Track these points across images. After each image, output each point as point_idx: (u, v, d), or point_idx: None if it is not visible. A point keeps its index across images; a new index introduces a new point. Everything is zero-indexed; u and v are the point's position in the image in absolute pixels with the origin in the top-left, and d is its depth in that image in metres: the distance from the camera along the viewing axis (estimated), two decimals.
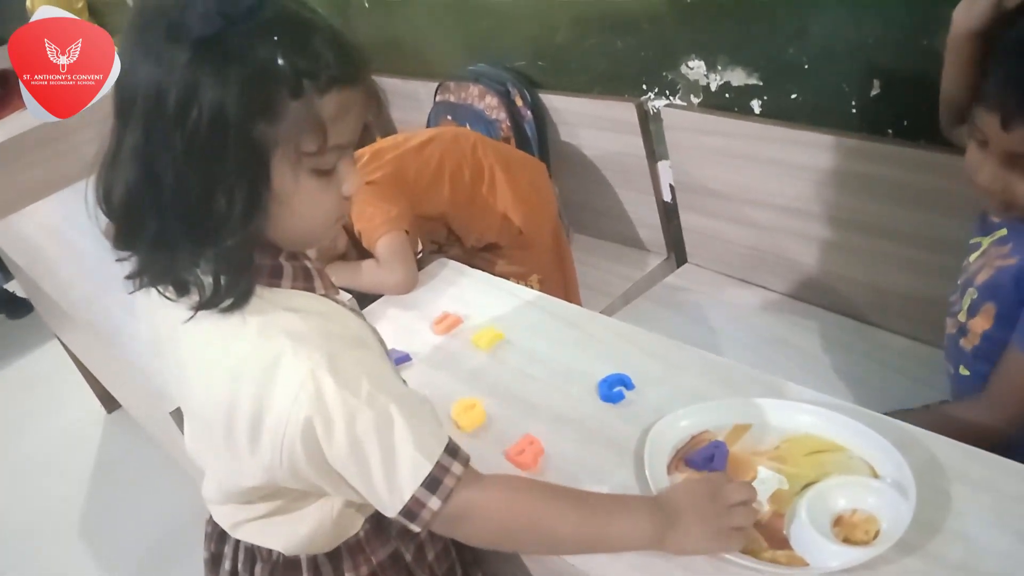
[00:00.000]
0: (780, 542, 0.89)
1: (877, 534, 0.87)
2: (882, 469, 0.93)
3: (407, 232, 1.65)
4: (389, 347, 1.38)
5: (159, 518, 2.29)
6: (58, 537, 2.38)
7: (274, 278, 0.82)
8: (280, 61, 0.71)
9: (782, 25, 1.64)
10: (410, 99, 2.71)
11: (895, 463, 0.91)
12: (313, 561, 0.94)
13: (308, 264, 0.86)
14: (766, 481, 0.96)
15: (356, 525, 0.94)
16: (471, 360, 1.33)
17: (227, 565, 0.99)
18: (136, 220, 0.76)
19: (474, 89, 2.29)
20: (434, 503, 0.79)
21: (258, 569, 0.95)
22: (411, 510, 0.79)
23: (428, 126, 2.45)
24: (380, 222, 1.63)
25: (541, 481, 0.95)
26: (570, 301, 1.77)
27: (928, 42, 1.43)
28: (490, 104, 2.24)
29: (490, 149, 1.91)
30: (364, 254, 1.68)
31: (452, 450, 0.82)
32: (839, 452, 0.98)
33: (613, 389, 1.17)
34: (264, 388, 0.76)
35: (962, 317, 1.15)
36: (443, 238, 1.90)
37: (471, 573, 1.12)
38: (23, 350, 3.35)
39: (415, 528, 0.81)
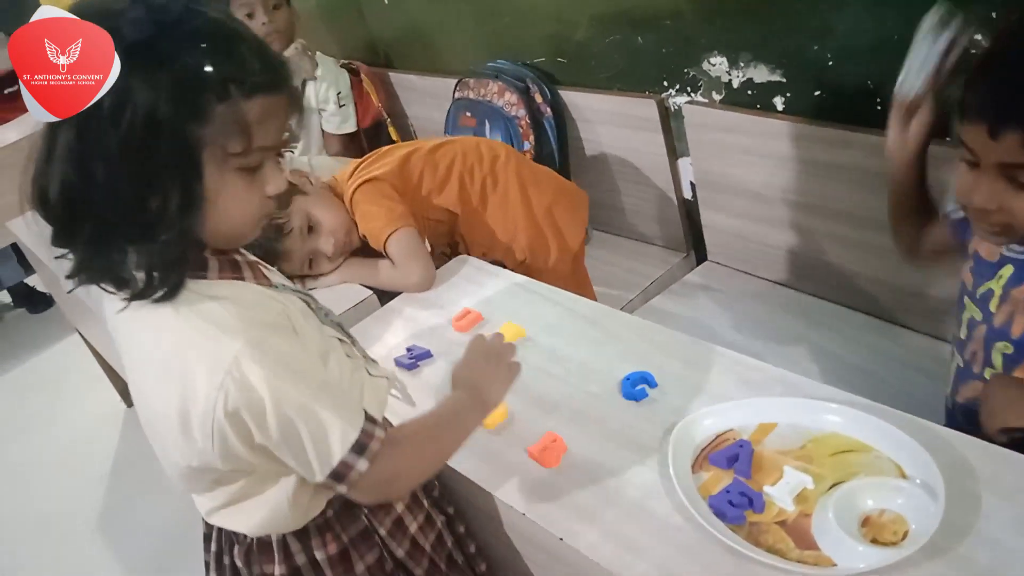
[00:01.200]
0: (807, 543, 0.88)
1: (905, 535, 0.86)
2: (910, 470, 0.92)
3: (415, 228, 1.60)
4: (410, 343, 1.40)
5: (177, 512, 2.29)
6: (76, 530, 2.40)
7: (199, 270, 0.86)
8: (207, 67, 0.76)
9: (806, 22, 1.62)
10: (429, 95, 2.71)
11: (924, 464, 0.90)
12: (283, 540, 0.98)
13: (237, 257, 0.91)
14: (792, 481, 0.95)
15: (319, 505, 0.98)
16: None
17: (214, 547, 1.04)
18: (72, 218, 0.79)
19: (493, 86, 2.28)
20: (362, 464, 0.86)
21: (236, 551, 1.00)
22: (339, 472, 0.85)
23: (447, 122, 2.44)
24: (386, 221, 1.58)
25: (419, 422, 1.00)
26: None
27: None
28: (510, 101, 2.23)
29: (513, 166, 1.80)
30: (374, 251, 1.67)
31: (371, 420, 0.89)
32: (866, 452, 0.97)
33: (636, 387, 1.16)
34: (190, 378, 0.81)
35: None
36: (445, 243, 1.84)
37: (464, 543, 1.15)
38: (43, 344, 3.37)
39: (341, 489, 0.88)
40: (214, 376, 0.80)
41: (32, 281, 3.65)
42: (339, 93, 2.59)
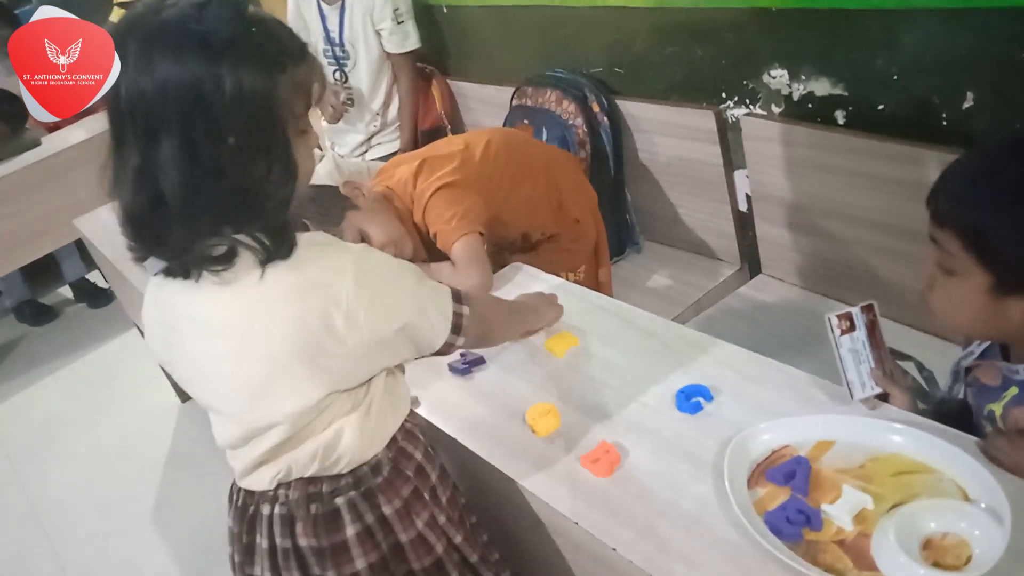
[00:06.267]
0: (866, 563, 0.87)
1: (968, 560, 0.84)
2: (975, 493, 0.90)
3: (481, 234, 1.65)
4: (463, 349, 1.40)
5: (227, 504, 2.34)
6: (130, 519, 2.46)
7: None
8: (267, 45, 0.86)
9: (871, 35, 1.60)
10: (487, 103, 2.73)
11: (989, 488, 0.88)
12: (351, 501, 1.01)
13: (305, 221, 1.04)
14: (851, 500, 0.94)
15: (384, 437, 1.04)
16: (545, 365, 1.34)
17: (264, 544, 1.05)
18: (193, 214, 0.85)
19: (551, 94, 2.29)
20: (465, 309, 1.06)
21: (299, 528, 1.01)
22: (456, 323, 1.05)
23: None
24: (457, 224, 1.64)
25: (501, 301, 1.38)
26: (602, 291, 1.83)
27: None
28: (567, 109, 2.23)
29: (538, 145, 1.95)
30: (437, 256, 1.70)
31: (456, 297, 1.06)
32: (928, 474, 0.95)
33: (691, 400, 1.16)
34: (328, 291, 0.90)
35: None
36: (514, 245, 1.91)
37: (480, 526, 1.17)
38: (102, 339, 3.46)
39: (459, 342, 1.06)
40: (346, 279, 0.91)
41: (94, 277, 3.75)
42: (396, 9, 2.53)
